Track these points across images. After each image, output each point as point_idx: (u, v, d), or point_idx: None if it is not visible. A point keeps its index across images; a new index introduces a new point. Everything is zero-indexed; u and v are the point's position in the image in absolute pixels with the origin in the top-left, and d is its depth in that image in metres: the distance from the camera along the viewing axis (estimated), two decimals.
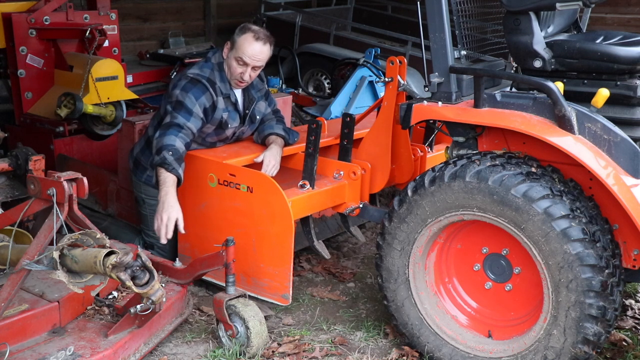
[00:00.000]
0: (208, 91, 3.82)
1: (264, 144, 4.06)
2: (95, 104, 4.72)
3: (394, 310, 3.37)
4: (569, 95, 3.10)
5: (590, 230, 2.84)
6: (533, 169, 3.00)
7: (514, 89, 3.41)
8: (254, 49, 3.81)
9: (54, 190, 2.82)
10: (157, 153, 3.63)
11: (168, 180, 3.58)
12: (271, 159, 3.88)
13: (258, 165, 3.88)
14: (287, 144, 4.01)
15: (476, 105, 3.20)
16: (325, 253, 3.96)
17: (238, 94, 4.01)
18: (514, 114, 3.11)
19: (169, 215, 3.53)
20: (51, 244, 2.78)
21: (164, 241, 3.57)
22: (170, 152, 3.59)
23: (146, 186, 4.08)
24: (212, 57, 3.97)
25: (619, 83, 3.18)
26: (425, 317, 3.30)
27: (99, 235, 2.83)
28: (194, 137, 3.81)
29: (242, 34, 3.84)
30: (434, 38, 3.29)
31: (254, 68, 3.87)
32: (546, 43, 3.28)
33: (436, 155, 4.17)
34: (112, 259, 2.68)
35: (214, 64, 3.92)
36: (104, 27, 4.85)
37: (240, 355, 3.28)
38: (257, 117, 4.11)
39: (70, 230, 2.86)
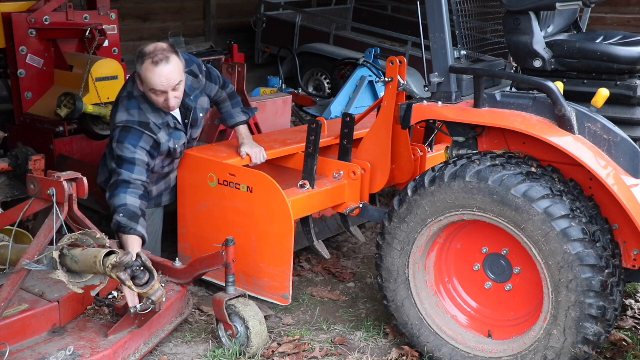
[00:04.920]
0: (144, 134, 3.58)
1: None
2: (95, 104, 4.71)
3: (394, 310, 3.37)
4: (569, 95, 3.10)
5: (590, 230, 2.84)
6: (533, 169, 2.99)
7: (514, 89, 3.41)
8: (160, 76, 3.49)
9: (54, 190, 2.82)
10: (113, 217, 3.42)
11: (131, 244, 3.36)
12: (254, 149, 3.91)
13: (258, 166, 3.88)
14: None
15: (476, 105, 3.20)
16: (325, 253, 3.96)
17: (175, 112, 3.77)
18: (514, 114, 3.11)
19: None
20: (51, 244, 2.78)
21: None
22: (122, 214, 3.39)
23: None
24: (132, 89, 3.66)
25: (619, 83, 3.18)
26: (425, 317, 3.30)
27: (99, 235, 2.83)
28: (147, 184, 3.58)
29: (142, 65, 3.51)
30: (434, 38, 3.29)
31: (173, 90, 3.56)
32: (546, 43, 3.28)
33: (436, 155, 4.17)
34: (112, 259, 2.68)
35: (138, 97, 3.64)
36: (104, 27, 4.84)
37: (240, 355, 3.28)
38: (200, 114, 3.90)
39: (70, 230, 2.86)
